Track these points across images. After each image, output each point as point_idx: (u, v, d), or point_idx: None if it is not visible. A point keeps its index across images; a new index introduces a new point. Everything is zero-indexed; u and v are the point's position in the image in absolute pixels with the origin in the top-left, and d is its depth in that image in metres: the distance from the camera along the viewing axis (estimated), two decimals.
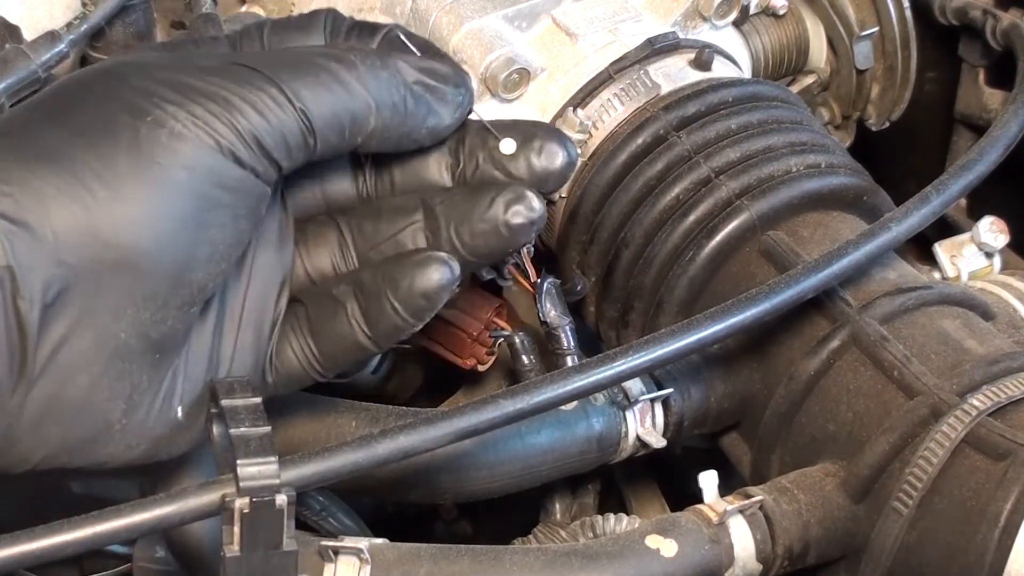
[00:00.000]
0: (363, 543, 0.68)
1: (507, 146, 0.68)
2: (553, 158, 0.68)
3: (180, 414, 0.63)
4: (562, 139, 0.68)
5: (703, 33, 0.98)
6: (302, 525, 0.83)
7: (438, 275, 0.65)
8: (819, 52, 1.07)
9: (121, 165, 0.57)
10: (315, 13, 0.68)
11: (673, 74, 0.92)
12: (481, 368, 0.83)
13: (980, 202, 1.02)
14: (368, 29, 0.68)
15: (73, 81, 0.63)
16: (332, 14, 0.68)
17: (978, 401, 0.70)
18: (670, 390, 0.81)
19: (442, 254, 0.65)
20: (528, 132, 0.68)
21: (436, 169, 0.69)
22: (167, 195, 0.58)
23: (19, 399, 0.57)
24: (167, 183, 0.58)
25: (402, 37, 0.68)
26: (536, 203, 0.66)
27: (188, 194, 0.58)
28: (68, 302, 0.57)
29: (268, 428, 0.60)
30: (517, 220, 0.65)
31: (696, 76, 0.92)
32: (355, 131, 0.63)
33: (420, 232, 0.67)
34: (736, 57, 0.99)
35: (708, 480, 0.74)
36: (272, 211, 0.67)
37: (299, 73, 0.61)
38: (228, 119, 0.59)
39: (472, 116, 0.70)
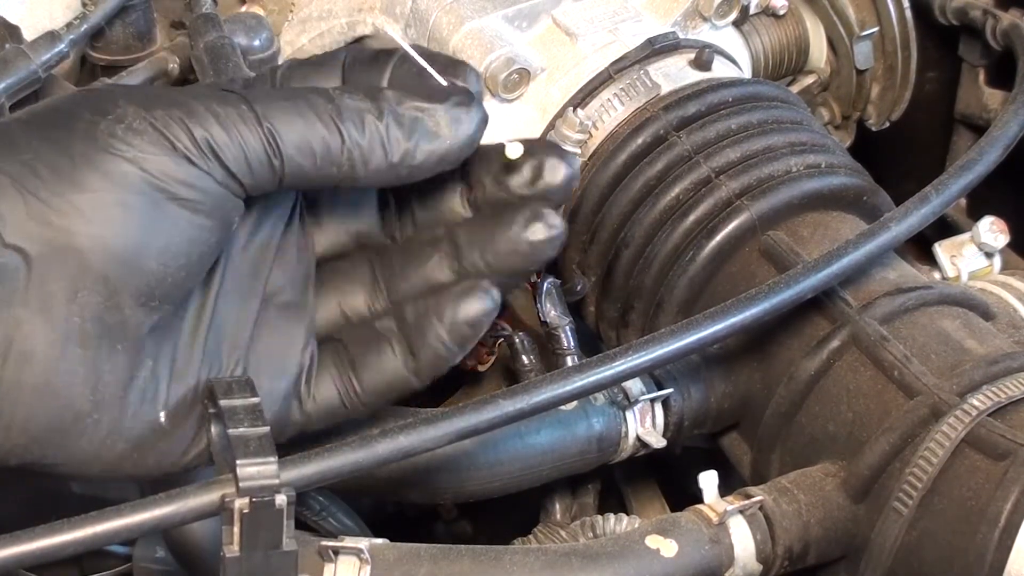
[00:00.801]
0: (363, 543, 0.68)
1: (513, 150, 0.67)
2: (555, 173, 0.68)
3: (163, 418, 0.63)
4: (562, 153, 0.68)
5: (703, 33, 0.98)
6: (302, 525, 0.83)
7: (480, 304, 0.66)
8: (819, 52, 1.07)
9: (73, 153, 0.59)
10: (335, 52, 0.69)
11: (673, 74, 0.92)
12: (481, 368, 0.83)
13: (980, 202, 1.02)
14: (384, 55, 0.68)
15: (58, 96, 0.66)
16: (353, 51, 0.69)
17: (978, 401, 0.70)
18: (670, 390, 0.81)
19: (483, 282, 0.66)
20: (529, 150, 0.68)
21: (452, 200, 0.70)
22: (115, 183, 0.59)
23: None
24: (116, 172, 0.59)
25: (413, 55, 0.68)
26: (555, 219, 0.66)
27: (139, 184, 0.59)
28: (18, 285, 0.58)
29: (267, 428, 0.60)
30: (538, 237, 0.66)
31: (696, 76, 0.92)
32: (329, 159, 0.63)
33: (446, 262, 0.68)
34: (736, 57, 0.99)
35: (708, 480, 0.74)
36: (286, 254, 0.68)
37: (273, 97, 0.62)
38: (186, 125, 0.60)
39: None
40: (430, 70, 0.66)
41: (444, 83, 0.66)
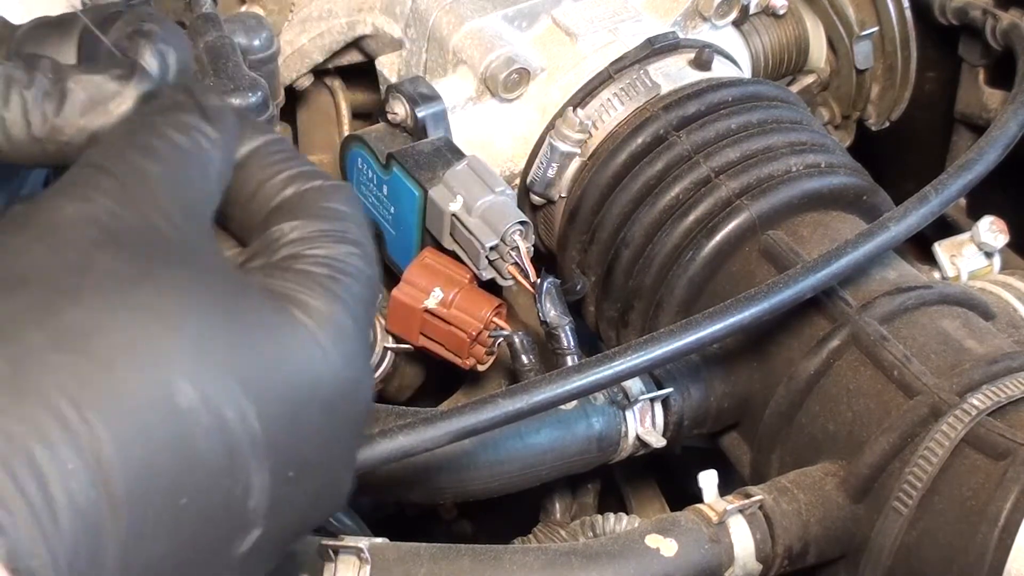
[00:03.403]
0: (363, 543, 0.68)
1: None
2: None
3: None
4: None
5: (703, 33, 0.98)
6: None
7: None
8: (819, 52, 1.07)
9: None
10: (72, 14, 0.62)
11: (673, 74, 0.92)
12: (481, 368, 0.83)
13: (980, 202, 1.02)
14: (111, 20, 0.61)
15: None
16: (92, 12, 0.62)
17: (978, 401, 0.70)
18: (670, 390, 0.81)
19: None
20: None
21: None
22: None
23: None
24: None
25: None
26: None
27: None
28: None
29: None
30: None
31: (696, 76, 0.92)
32: None
33: None
34: (736, 57, 0.99)
35: (708, 480, 0.74)
36: None
37: None
38: None
39: None
40: (103, 38, 0.60)
41: (116, 52, 0.60)
